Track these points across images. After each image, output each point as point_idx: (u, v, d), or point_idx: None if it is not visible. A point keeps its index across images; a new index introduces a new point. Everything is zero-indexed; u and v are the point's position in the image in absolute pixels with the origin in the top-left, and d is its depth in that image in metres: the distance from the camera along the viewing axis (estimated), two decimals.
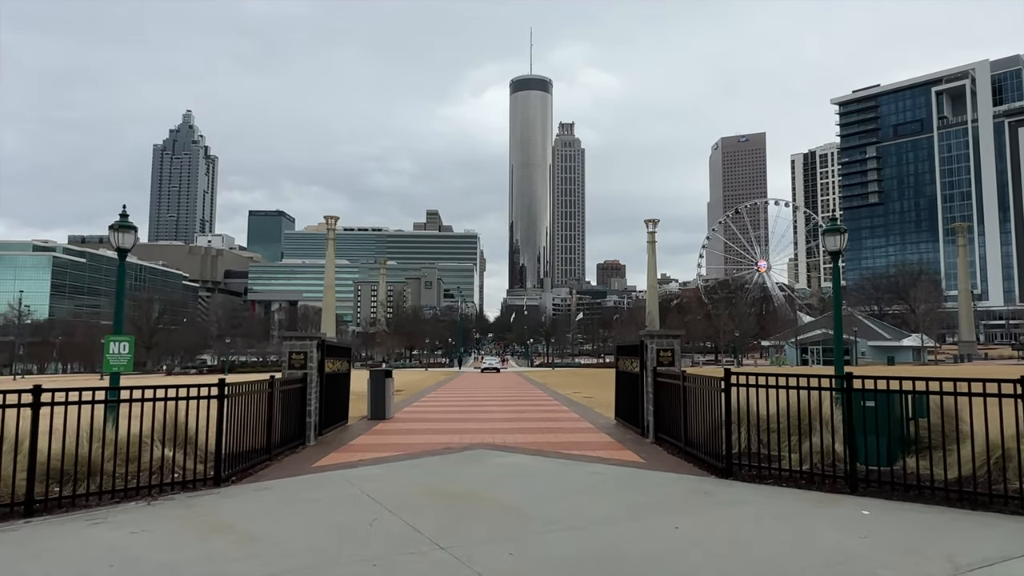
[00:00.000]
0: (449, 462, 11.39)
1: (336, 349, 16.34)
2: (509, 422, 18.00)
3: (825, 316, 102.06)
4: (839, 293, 13.70)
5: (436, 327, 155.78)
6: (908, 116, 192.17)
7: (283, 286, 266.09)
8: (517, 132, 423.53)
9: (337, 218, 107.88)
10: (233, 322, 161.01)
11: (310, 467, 11.06)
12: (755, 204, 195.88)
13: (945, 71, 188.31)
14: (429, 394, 31.75)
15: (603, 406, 22.57)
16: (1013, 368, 54.78)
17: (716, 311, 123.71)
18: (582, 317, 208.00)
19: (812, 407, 10.34)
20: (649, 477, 9.86)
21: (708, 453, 10.59)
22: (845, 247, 13.45)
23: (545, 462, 11.33)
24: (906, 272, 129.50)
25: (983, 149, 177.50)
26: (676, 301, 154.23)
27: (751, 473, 9.69)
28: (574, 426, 17.13)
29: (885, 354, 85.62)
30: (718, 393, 10.12)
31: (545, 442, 13.94)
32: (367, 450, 13.01)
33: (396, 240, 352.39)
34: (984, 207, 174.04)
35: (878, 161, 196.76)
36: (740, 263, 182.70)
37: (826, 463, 9.37)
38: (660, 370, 13.96)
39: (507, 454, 12.17)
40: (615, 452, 12.50)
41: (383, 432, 16.02)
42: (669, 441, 12.95)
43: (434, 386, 39.76)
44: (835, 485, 8.84)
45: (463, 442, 13.94)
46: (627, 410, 16.59)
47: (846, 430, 8.90)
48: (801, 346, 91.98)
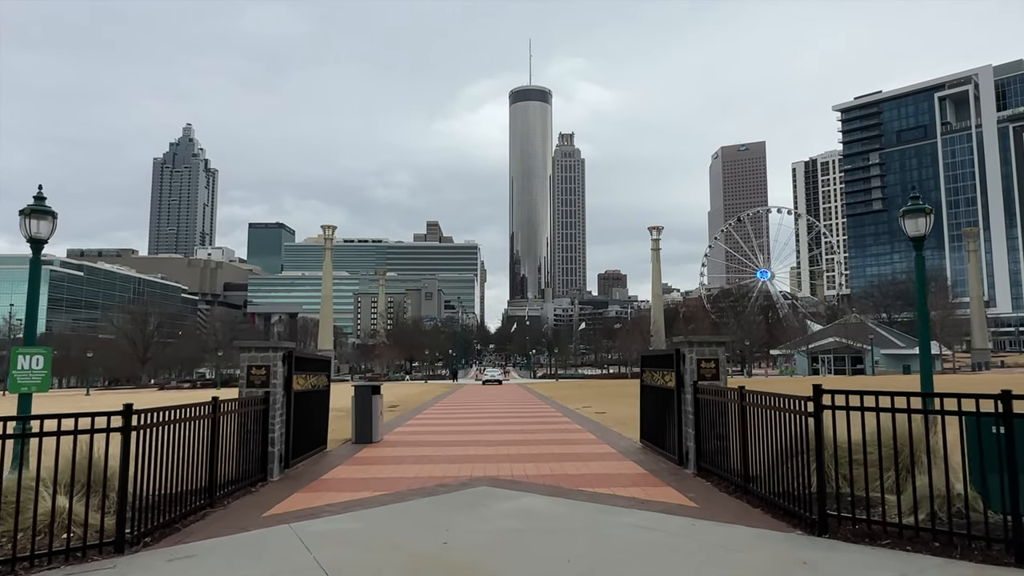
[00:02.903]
0: (443, 508, 8.79)
1: (310, 362, 13.78)
2: (516, 446, 15.40)
3: (836, 324, 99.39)
4: (924, 287, 11.16)
5: (437, 338, 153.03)
6: (911, 122, 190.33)
7: (283, 298, 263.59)
8: (517, 143, 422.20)
9: (335, 227, 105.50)
10: (232, 335, 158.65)
11: (260, 517, 8.46)
12: (757, 212, 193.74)
13: (948, 76, 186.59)
14: (426, 410, 29.13)
15: (620, 424, 19.98)
16: None
17: (722, 320, 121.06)
18: (584, 327, 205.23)
19: (914, 433, 7.82)
20: (716, 533, 7.25)
21: (783, 496, 8.02)
22: (929, 231, 10.90)
23: (569, 507, 8.73)
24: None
25: (988, 154, 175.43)
26: (682, 310, 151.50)
27: (853, 528, 7.11)
28: (593, 451, 14.51)
29: (900, 363, 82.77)
30: (801, 417, 7.56)
31: (563, 474, 11.34)
32: (342, 488, 10.41)
33: (396, 251, 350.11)
34: (990, 213, 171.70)
35: (881, 168, 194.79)
36: (743, 271, 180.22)
37: (947, 511, 6.82)
38: (702, 385, 11.40)
39: (518, 495, 9.56)
40: (654, 490, 9.90)
41: (366, 461, 13.42)
42: (717, 474, 10.37)
43: (432, 400, 37.13)
44: (988, 551, 6.25)
45: (462, 475, 11.35)
46: (655, 431, 14.00)
47: (1002, 465, 6.30)
48: (812, 355, 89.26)
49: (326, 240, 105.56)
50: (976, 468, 6.78)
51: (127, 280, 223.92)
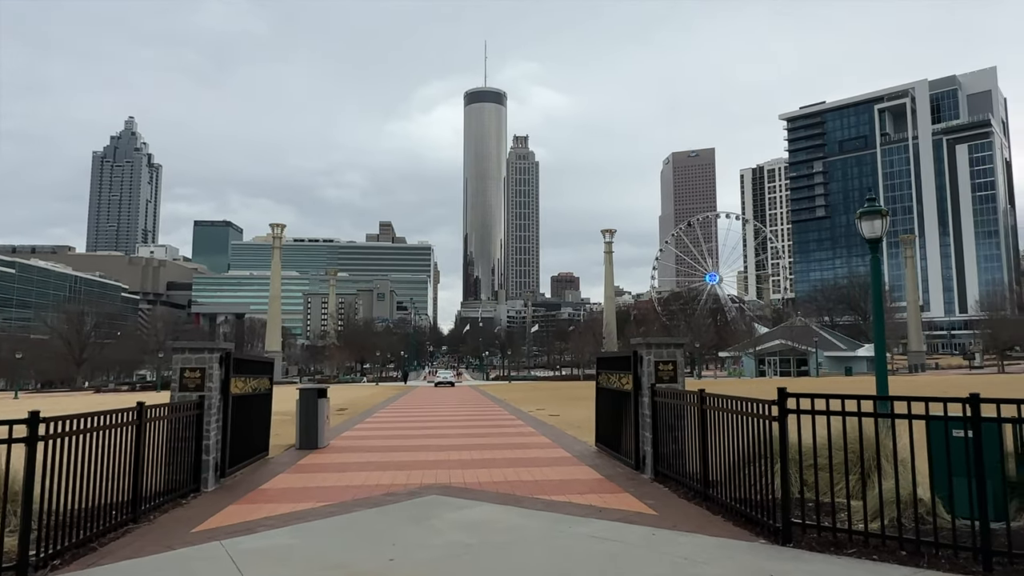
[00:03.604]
0: (390, 520, 8.25)
1: (251, 364, 13.02)
2: (469, 450, 14.91)
3: (782, 327, 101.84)
4: (879, 289, 11.14)
5: (389, 340, 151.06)
6: (852, 132, 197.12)
7: (229, 298, 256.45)
8: (471, 144, 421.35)
9: (284, 226, 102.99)
10: (175, 335, 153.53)
11: (189, 533, 7.77)
12: (707, 217, 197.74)
13: (887, 89, 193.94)
14: (376, 413, 28.36)
15: (575, 427, 19.69)
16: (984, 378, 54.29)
17: (673, 322, 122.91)
18: (537, 329, 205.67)
19: (868, 436, 7.68)
20: (678, 544, 6.92)
21: (745, 503, 7.76)
22: (884, 234, 10.89)
23: (523, 517, 8.30)
24: (857, 283, 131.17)
25: (923, 165, 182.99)
26: (634, 313, 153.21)
27: (817, 536, 6.87)
28: (549, 455, 14.14)
29: (842, 364, 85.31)
30: (764, 421, 7.31)
31: (518, 480, 10.91)
32: (282, 499, 9.75)
33: (348, 251, 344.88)
34: (925, 221, 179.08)
35: (824, 176, 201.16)
36: (692, 275, 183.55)
37: (914, 518, 6.64)
38: (660, 387, 11.13)
39: (470, 504, 9.09)
40: (611, 496, 9.56)
41: (310, 468, 12.73)
42: (675, 479, 10.10)
43: (383, 403, 36.29)
44: (956, 559, 6.07)
45: (411, 483, 10.81)
46: (611, 435, 13.71)
47: (969, 470, 6.14)
48: (759, 357, 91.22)
49: (275, 239, 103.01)
50: (942, 473, 6.63)
51: (63, 278, 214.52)
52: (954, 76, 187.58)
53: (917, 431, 6.58)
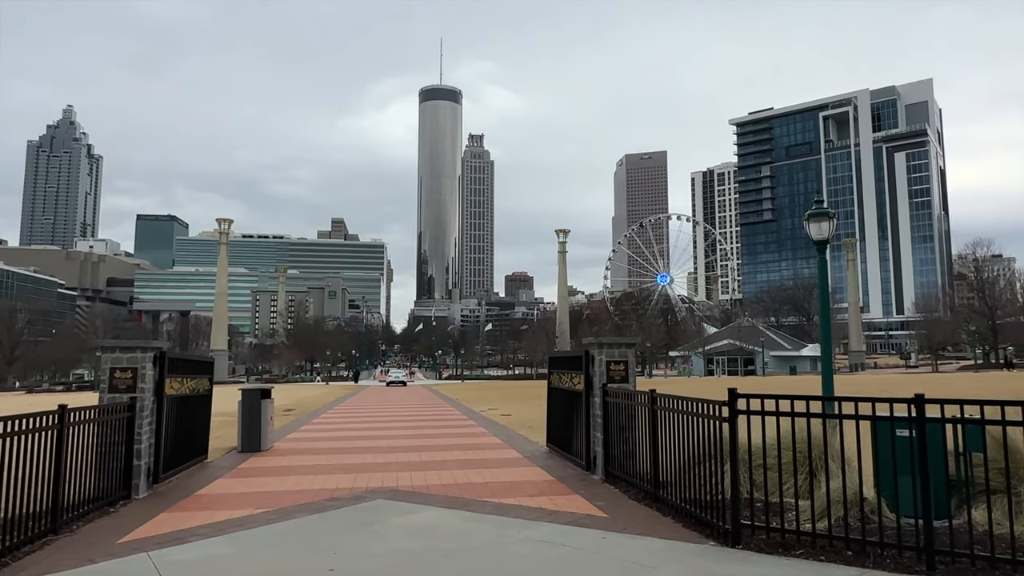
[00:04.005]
0: (333, 526, 7.93)
1: (189, 363, 12.44)
2: (419, 452, 14.61)
3: (730, 327, 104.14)
4: (826, 289, 11.31)
5: (340, 338, 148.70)
6: (799, 138, 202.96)
7: (174, 295, 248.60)
8: (426, 142, 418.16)
9: (231, 221, 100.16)
10: (115, 333, 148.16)
11: (115, 544, 7.30)
12: (658, 219, 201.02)
13: (831, 98, 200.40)
14: (325, 414, 27.71)
15: (527, 427, 19.56)
16: (919, 377, 56.48)
17: (625, 322, 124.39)
18: (491, 328, 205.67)
19: (815, 436, 7.74)
20: (628, 547, 6.81)
21: (694, 503, 7.71)
22: (830, 236, 11.07)
23: (472, 521, 8.08)
24: (802, 285, 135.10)
25: (864, 172, 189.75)
26: (586, 312, 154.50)
27: (766, 538, 6.85)
28: (500, 456, 13.95)
29: (787, 364, 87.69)
30: (715, 422, 7.27)
31: (467, 483, 10.69)
32: (219, 505, 9.30)
33: (299, 248, 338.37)
34: (865, 226, 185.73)
35: (772, 180, 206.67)
36: (644, 275, 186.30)
37: (860, 518, 6.68)
38: (612, 387, 11.06)
39: (417, 508, 8.82)
40: (562, 499, 9.42)
41: (252, 472, 12.25)
42: (626, 480, 10.03)
43: (332, 403, 35.54)
44: (900, 559, 6.11)
45: (357, 487, 10.47)
46: (563, 436, 13.60)
47: (913, 471, 6.20)
48: (707, 356, 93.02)
49: (222, 234, 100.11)
50: (887, 472, 6.69)
51: None
52: (893, 87, 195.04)
53: (863, 431, 6.63)
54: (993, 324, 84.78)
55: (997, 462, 7.15)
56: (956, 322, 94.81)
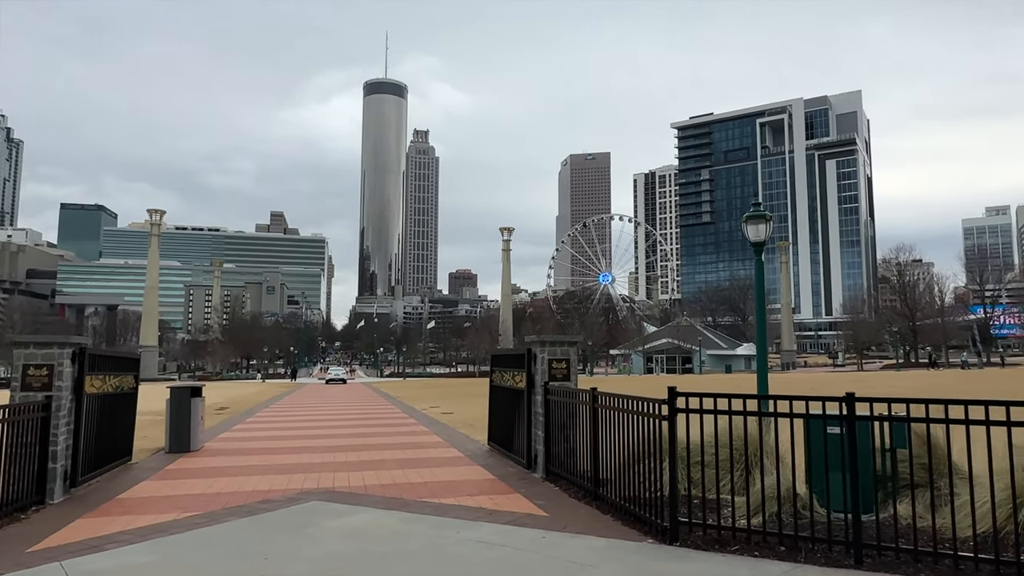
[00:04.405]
0: (263, 530, 7.63)
1: (113, 360, 11.81)
2: (357, 451, 14.30)
3: (669, 326, 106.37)
4: (762, 290, 11.59)
5: (278, 335, 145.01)
6: (737, 144, 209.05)
7: (100, 288, 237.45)
8: (370, 136, 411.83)
9: (163, 212, 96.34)
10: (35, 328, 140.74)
11: (24, 553, 6.82)
12: (601, 219, 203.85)
13: (767, 105, 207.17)
14: (260, 412, 26.91)
15: (468, 425, 19.44)
16: (846, 375, 58.95)
17: (567, 320, 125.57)
18: (434, 326, 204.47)
19: (751, 433, 7.92)
20: (568, 547, 6.77)
21: (634, 501, 7.76)
22: (767, 238, 11.37)
23: (410, 522, 7.91)
24: (738, 286, 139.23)
25: (798, 177, 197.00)
26: (530, 310, 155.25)
27: (703, 534, 6.93)
28: (440, 455, 13.79)
29: (723, 363, 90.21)
30: (655, 420, 7.32)
31: (406, 483, 10.49)
32: (141, 509, 8.84)
33: (236, 242, 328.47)
34: (798, 230, 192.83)
35: (711, 183, 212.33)
36: (587, 275, 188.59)
37: (793, 513, 6.84)
38: (553, 386, 11.05)
39: (354, 509, 8.59)
40: (502, 498, 9.34)
41: (179, 474, 11.72)
42: (566, 478, 10.03)
43: (268, 401, 34.57)
44: (830, 553, 6.27)
45: (292, 488, 10.14)
46: (504, 434, 13.54)
47: (844, 467, 6.37)
48: (647, 355, 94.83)
49: (153, 225, 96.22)
50: (818, 469, 6.86)
51: None
52: (826, 97, 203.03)
53: (796, 429, 6.79)
54: (913, 325, 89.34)
55: (920, 458, 7.44)
56: (880, 323, 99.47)
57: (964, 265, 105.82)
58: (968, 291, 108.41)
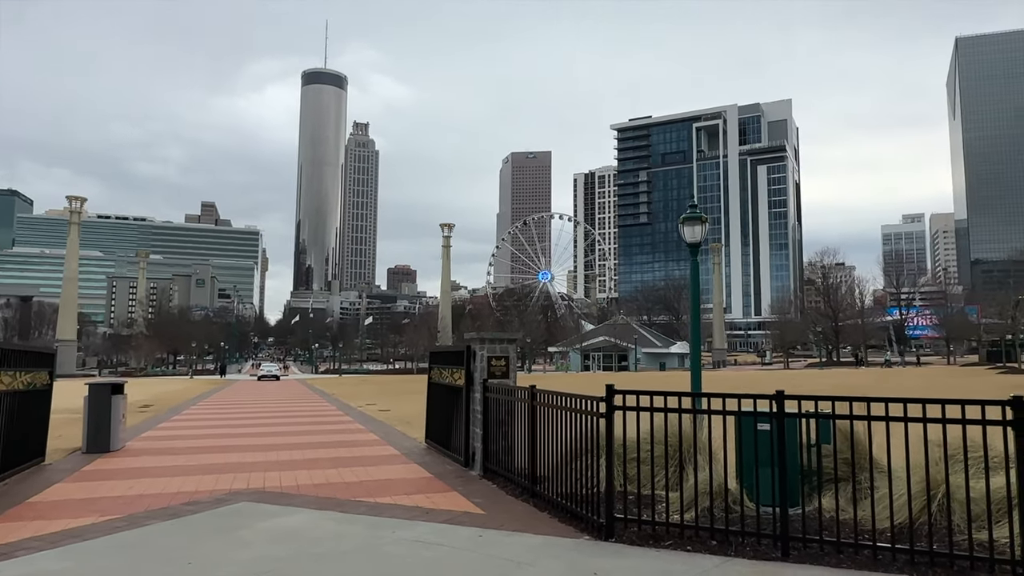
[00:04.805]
0: (188, 533, 7.31)
1: (22, 355, 11.11)
2: (289, 450, 13.93)
3: (606, 324, 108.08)
4: (697, 290, 11.87)
5: (207, 329, 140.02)
6: (674, 147, 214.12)
7: (13, 278, 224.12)
8: (308, 127, 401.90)
9: (84, 199, 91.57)
10: None
11: None
12: (542, 217, 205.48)
13: (704, 110, 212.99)
14: (187, 410, 25.90)
15: (405, 423, 19.22)
16: (773, 373, 61.18)
17: (506, 318, 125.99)
18: (371, 322, 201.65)
19: (685, 430, 8.10)
20: (504, 545, 6.75)
21: (570, 498, 7.81)
22: (702, 239, 11.66)
23: (345, 523, 7.74)
24: (672, 286, 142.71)
25: (731, 181, 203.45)
26: (469, 307, 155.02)
27: (638, 530, 7.04)
28: (376, 453, 13.57)
29: (657, 360, 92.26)
30: (593, 418, 7.38)
31: (341, 482, 10.27)
32: (55, 513, 8.34)
33: (163, 232, 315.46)
34: (730, 232, 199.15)
35: (648, 185, 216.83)
36: (526, 272, 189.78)
37: (724, 508, 7.02)
38: (492, 383, 11.02)
39: (286, 510, 8.34)
40: (439, 496, 9.26)
41: (97, 475, 11.13)
42: (504, 476, 10.02)
43: (196, 399, 33.32)
44: (759, 546, 6.46)
45: (220, 488, 9.77)
46: (442, 432, 13.43)
47: (773, 463, 6.58)
48: (584, 352, 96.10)
49: (72, 213, 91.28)
50: (748, 464, 7.05)
51: None
52: (758, 104, 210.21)
53: (727, 425, 6.98)
54: (836, 325, 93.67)
55: (843, 453, 7.78)
56: (805, 323, 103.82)
57: (882, 269, 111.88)
58: (886, 294, 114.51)
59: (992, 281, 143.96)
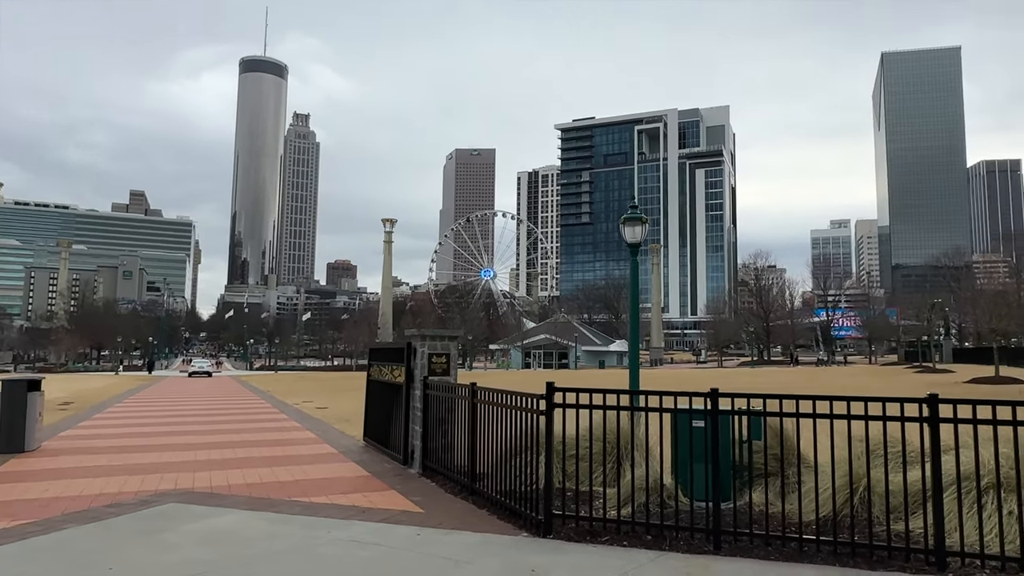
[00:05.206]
0: (109, 537, 6.97)
1: None
2: (221, 449, 13.48)
3: (547, 323, 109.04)
4: (637, 290, 12.07)
5: (135, 324, 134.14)
6: (616, 148, 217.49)
7: None
8: (246, 116, 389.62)
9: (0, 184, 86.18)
10: None
11: None
12: (485, 215, 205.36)
13: (645, 113, 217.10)
14: (111, 408, 24.77)
15: (343, 420, 18.90)
16: (708, 371, 62.90)
17: (448, 315, 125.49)
18: (310, 317, 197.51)
19: (623, 427, 8.24)
20: (442, 543, 6.70)
21: (509, 495, 7.82)
22: (643, 240, 11.86)
23: (278, 523, 7.53)
24: (612, 285, 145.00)
25: (670, 184, 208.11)
26: (410, 304, 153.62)
27: (576, 526, 7.10)
28: (313, 451, 13.28)
29: (597, 359, 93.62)
30: (533, 415, 7.40)
31: (275, 482, 10.00)
32: None
33: (88, 221, 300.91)
34: (669, 233, 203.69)
35: (591, 185, 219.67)
36: (469, 269, 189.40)
37: (660, 504, 7.17)
38: (433, 380, 10.93)
39: (216, 511, 8.05)
40: (377, 495, 9.12)
41: (9, 477, 10.50)
42: (443, 473, 9.97)
43: (121, 396, 31.90)
44: (692, 540, 6.61)
45: (145, 489, 9.37)
46: (381, 429, 13.26)
47: (707, 459, 6.74)
48: (525, 350, 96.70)
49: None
50: (684, 461, 7.21)
51: None
52: (697, 109, 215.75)
53: (664, 422, 7.13)
54: (767, 325, 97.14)
55: (773, 449, 8.03)
56: (738, 323, 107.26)
57: (811, 272, 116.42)
58: (814, 295, 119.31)
59: (911, 285, 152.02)
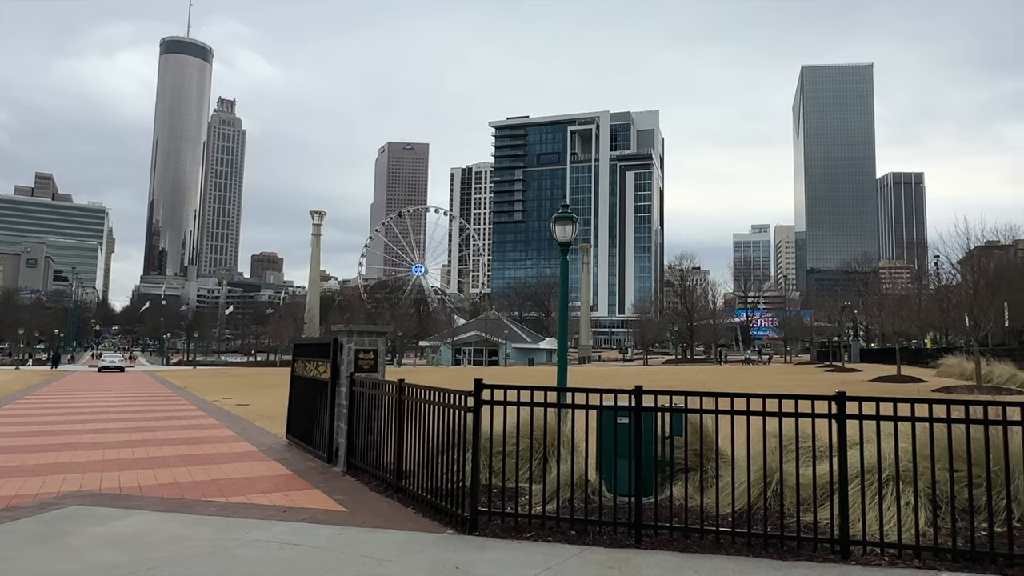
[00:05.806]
0: (7, 542, 6.51)
1: None
2: (132, 447, 12.84)
3: (478, 319, 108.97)
4: (567, 288, 12.20)
5: (40, 315, 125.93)
6: (549, 148, 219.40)
7: None
8: (166, 98, 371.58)
9: None
10: None
11: None
12: (417, 210, 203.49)
13: (579, 114, 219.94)
14: (9, 405, 23.21)
15: (265, 418, 18.34)
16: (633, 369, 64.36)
17: (378, 310, 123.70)
18: (232, 311, 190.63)
19: (550, 424, 8.34)
20: (365, 542, 6.59)
21: (435, 493, 7.77)
22: (573, 239, 12.01)
23: (192, 524, 7.22)
24: (543, 284, 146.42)
25: (601, 185, 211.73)
26: (339, 299, 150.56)
27: (501, 523, 7.13)
28: (231, 450, 12.81)
29: (526, 355, 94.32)
30: (460, 412, 7.38)
31: (190, 481, 9.59)
32: None
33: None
34: (599, 234, 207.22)
35: (524, 184, 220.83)
36: (400, 265, 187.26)
37: (584, 499, 7.28)
38: (359, 377, 10.74)
39: (124, 513, 7.65)
40: (299, 494, 8.89)
41: None
42: (368, 472, 9.81)
43: (22, 392, 29.94)
44: (615, 535, 6.74)
45: (46, 491, 8.82)
46: (305, 427, 12.92)
47: (630, 455, 6.89)
48: (456, 347, 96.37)
49: None
50: (608, 457, 7.35)
51: None
52: (629, 112, 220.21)
53: (589, 419, 7.25)
54: (691, 325, 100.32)
55: (693, 445, 8.28)
56: (664, 322, 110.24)
57: (733, 274, 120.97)
58: (735, 297, 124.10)
59: (824, 288, 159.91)
